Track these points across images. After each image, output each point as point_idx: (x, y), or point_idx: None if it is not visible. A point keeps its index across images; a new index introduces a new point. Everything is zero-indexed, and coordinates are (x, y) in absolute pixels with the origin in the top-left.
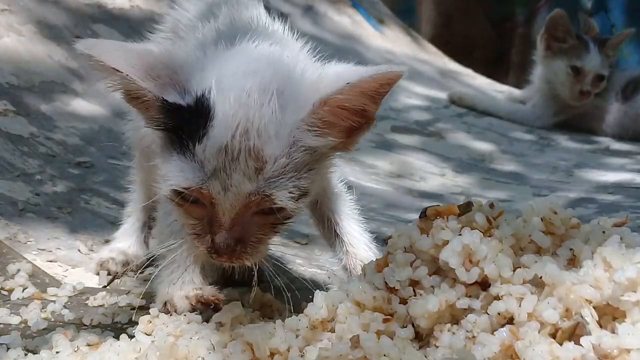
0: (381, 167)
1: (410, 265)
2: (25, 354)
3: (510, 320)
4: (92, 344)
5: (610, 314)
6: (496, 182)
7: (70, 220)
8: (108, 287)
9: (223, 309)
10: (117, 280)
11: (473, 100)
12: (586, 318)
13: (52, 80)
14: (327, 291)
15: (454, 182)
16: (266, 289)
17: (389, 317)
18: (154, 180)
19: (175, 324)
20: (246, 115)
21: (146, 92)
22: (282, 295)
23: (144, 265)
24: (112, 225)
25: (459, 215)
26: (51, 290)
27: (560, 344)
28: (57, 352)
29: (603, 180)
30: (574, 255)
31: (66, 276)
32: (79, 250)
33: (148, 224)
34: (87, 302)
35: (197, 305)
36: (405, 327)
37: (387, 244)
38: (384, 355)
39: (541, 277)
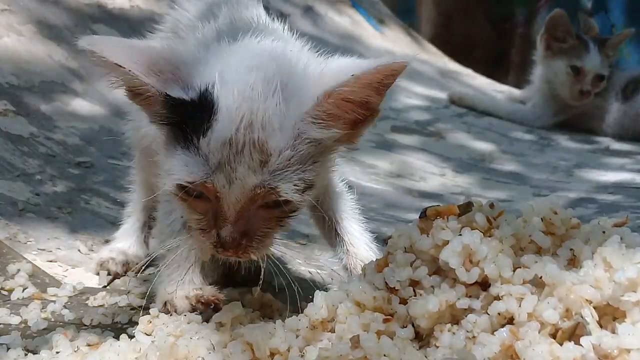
0: (381, 167)
1: (411, 265)
2: (25, 354)
3: (511, 321)
4: (92, 344)
5: (610, 314)
6: (496, 182)
7: (70, 220)
8: (108, 287)
9: (223, 309)
10: (117, 280)
11: (473, 100)
12: (586, 318)
13: (52, 80)
14: (327, 291)
15: (454, 182)
16: (266, 289)
17: (389, 317)
18: (155, 180)
19: (175, 324)
20: (250, 108)
21: (149, 87)
22: (282, 295)
23: (144, 265)
24: (112, 225)
25: (459, 215)
26: (51, 290)
27: (561, 344)
28: (57, 352)
29: (603, 180)
30: (574, 255)
31: (66, 276)
32: (79, 250)
33: (148, 224)
34: (87, 302)
35: (197, 305)
36: (406, 327)
37: (387, 244)
38: (384, 355)
39: (541, 277)
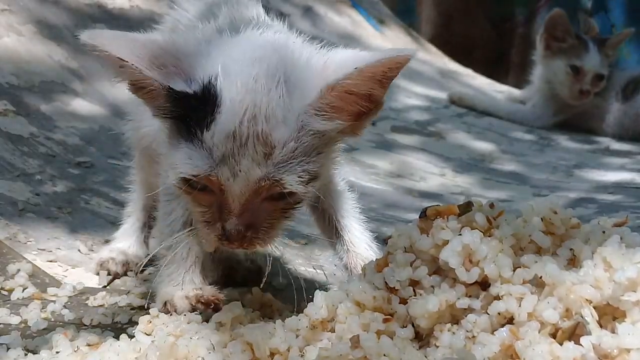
0: (381, 167)
1: (410, 265)
2: (25, 354)
3: (510, 320)
4: (92, 344)
5: (610, 314)
6: (496, 182)
7: (70, 220)
8: (108, 287)
9: (223, 309)
10: (117, 280)
11: (473, 100)
12: (586, 318)
13: (52, 80)
14: (327, 291)
15: (454, 182)
16: (266, 289)
17: (389, 317)
18: (155, 180)
19: (175, 324)
20: (253, 100)
21: (152, 81)
22: (282, 295)
23: (144, 265)
24: (112, 225)
25: (459, 215)
26: (51, 290)
27: (560, 344)
28: (57, 352)
29: (603, 180)
30: (574, 255)
31: (66, 276)
32: (79, 250)
33: (148, 224)
34: (87, 302)
35: (197, 305)
36: (405, 327)
37: (387, 244)
38: (384, 355)
39: (541, 277)
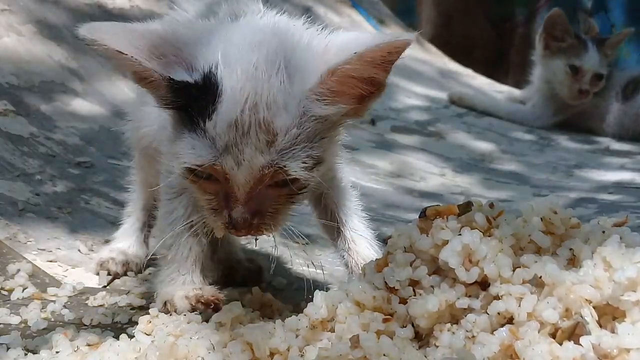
0: (381, 167)
1: (410, 265)
2: (25, 354)
3: (510, 320)
4: (92, 344)
5: (610, 314)
6: (496, 182)
7: (70, 220)
8: (108, 287)
9: (223, 309)
10: (117, 280)
11: (473, 101)
12: (586, 318)
13: (52, 80)
14: (327, 291)
15: (454, 182)
16: (266, 289)
17: (389, 317)
18: (155, 180)
19: (175, 324)
20: (254, 88)
21: (152, 72)
22: (282, 295)
23: (144, 265)
24: (112, 225)
25: (458, 215)
26: (51, 290)
27: (560, 344)
28: (57, 352)
29: (603, 180)
30: (573, 255)
31: (66, 276)
32: (79, 250)
33: (148, 223)
34: (87, 302)
35: (197, 305)
36: (405, 327)
37: (387, 244)
38: (384, 355)
39: (541, 277)
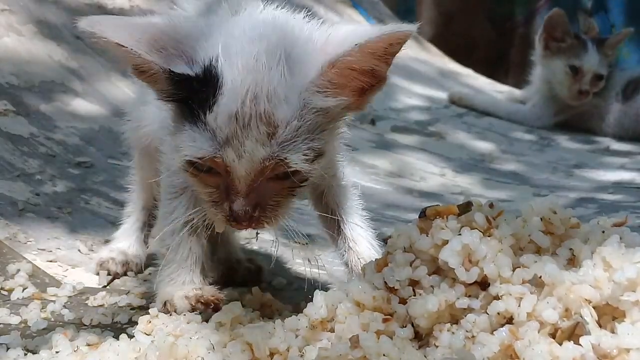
0: (381, 167)
1: (410, 265)
2: (25, 354)
3: (510, 320)
4: (92, 344)
5: (609, 314)
6: (496, 182)
7: (70, 220)
8: (108, 287)
9: (223, 309)
10: (117, 280)
11: (473, 100)
12: (586, 318)
13: (52, 80)
14: (326, 291)
15: (454, 182)
16: (266, 289)
17: (389, 317)
18: (155, 180)
19: (175, 324)
20: (255, 80)
21: (152, 65)
22: (282, 295)
23: (144, 265)
24: (112, 225)
25: (458, 215)
26: (51, 290)
27: (560, 344)
28: (57, 352)
29: (603, 180)
30: (573, 255)
31: (66, 276)
32: (79, 250)
33: (148, 223)
34: (87, 302)
35: (197, 305)
36: (405, 327)
37: (387, 244)
38: (384, 355)
39: (541, 277)
